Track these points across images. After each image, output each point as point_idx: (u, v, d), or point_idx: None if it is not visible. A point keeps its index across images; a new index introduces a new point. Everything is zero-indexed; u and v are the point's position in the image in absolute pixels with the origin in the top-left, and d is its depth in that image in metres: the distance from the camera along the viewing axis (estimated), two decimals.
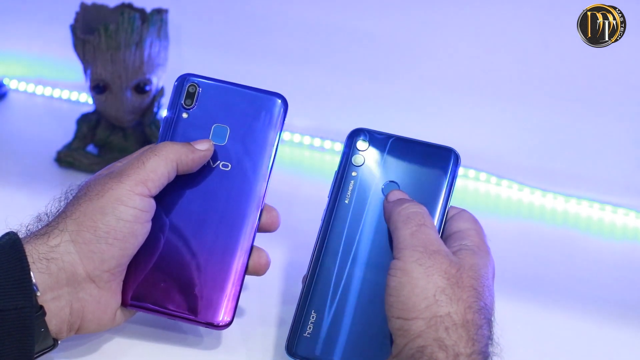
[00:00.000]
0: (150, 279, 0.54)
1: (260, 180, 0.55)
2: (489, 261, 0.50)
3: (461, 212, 0.54)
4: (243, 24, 0.90)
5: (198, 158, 0.54)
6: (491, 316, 0.48)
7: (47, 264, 0.49)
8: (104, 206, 0.50)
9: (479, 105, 0.87)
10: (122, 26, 0.74)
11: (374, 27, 0.87)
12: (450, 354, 0.44)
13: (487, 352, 0.46)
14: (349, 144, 0.56)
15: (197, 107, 0.56)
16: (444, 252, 0.48)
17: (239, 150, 0.55)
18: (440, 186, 0.54)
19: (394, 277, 0.48)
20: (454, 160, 0.55)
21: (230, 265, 0.54)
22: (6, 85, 0.96)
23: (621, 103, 0.82)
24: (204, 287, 0.53)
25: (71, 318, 0.50)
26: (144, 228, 0.52)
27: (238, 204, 0.55)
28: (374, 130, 0.56)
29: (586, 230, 0.81)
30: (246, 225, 0.54)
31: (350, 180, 0.55)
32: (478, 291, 0.47)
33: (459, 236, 0.52)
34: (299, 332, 0.52)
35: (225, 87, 0.57)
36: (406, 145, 0.55)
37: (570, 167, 0.85)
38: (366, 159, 0.55)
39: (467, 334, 0.45)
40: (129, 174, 0.52)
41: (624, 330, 0.65)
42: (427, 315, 0.45)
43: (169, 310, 0.54)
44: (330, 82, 0.90)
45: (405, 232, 0.49)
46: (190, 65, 0.91)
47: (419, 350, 0.45)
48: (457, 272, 0.47)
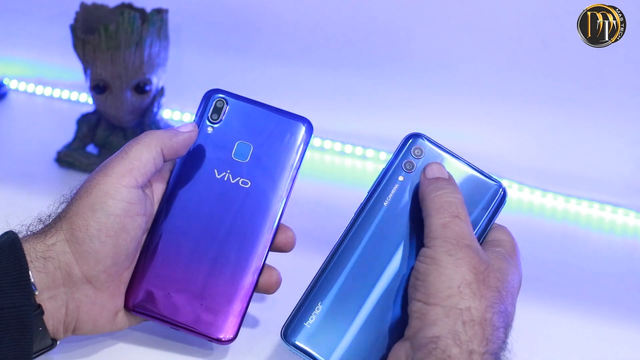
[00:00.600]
0: (158, 286, 0.53)
1: (277, 200, 0.55)
2: (518, 273, 0.50)
3: (501, 226, 0.54)
4: (243, 24, 0.90)
5: (182, 140, 0.54)
6: (510, 323, 0.47)
7: (44, 263, 0.49)
8: (93, 203, 0.50)
9: (479, 105, 0.87)
10: (122, 26, 0.74)
11: (374, 27, 0.87)
12: (464, 349, 0.44)
13: (499, 355, 0.45)
14: (403, 146, 0.54)
15: (222, 123, 0.56)
16: (475, 247, 0.48)
17: (260, 169, 0.55)
18: (481, 216, 0.53)
19: (423, 264, 0.47)
20: (500, 195, 0.53)
21: (240, 281, 0.54)
22: (6, 85, 0.96)
23: (621, 103, 0.82)
24: (211, 301, 0.53)
25: (67, 318, 0.50)
26: (134, 222, 0.52)
27: (253, 222, 0.55)
28: (434, 141, 0.54)
29: (586, 231, 0.81)
30: (259, 243, 0.54)
31: (395, 184, 0.53)
32: (502, 294, 0.47)
33: (494, 244, 0.51)
34: (300, 319, 0.50)
35: (252, 106, 0.57)
36: (459, 166, 0.54)
37: (570, 167, 0.85)
38: (417, 167, 0.54)
39: (482, 332, 0.45)
40: (113, 166, 0.52)
41: (624, 330, 0.65)
42: (448, 304, 0.45)
43: (173, 320, 0.53)
44: (331, 82, 0.90)
45: (437, 222, 0.49)
46: (191, 65, 0.92)
47: (433, 341, 0.44)
48: (486, 270, 0.47)
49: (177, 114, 0.92)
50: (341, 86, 0.90)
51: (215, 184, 0.55)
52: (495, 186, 0.54)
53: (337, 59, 0.89)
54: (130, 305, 0.53)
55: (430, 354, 0.44)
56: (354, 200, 0.56)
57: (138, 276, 0.54)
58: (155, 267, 0.54)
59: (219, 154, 0.56)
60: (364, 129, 0.90)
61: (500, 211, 0.54)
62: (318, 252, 0.56)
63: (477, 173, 0.54)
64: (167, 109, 0.90)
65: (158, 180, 0.56)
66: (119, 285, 0.53)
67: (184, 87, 0.90)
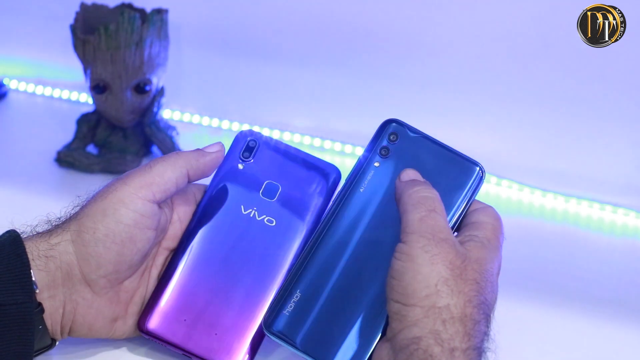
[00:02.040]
0: (174, 312, 0.53)
1: (299, 240, 0.56)
2: (497, 256, 0.50)
3: (485, 207, 0.53)
4: (243, 23, 0.90)
5: (209, 161, 0.55)
6: (490, 312, 0.48)
7: (45, 262, 0.49)
8: (106, 208, 0.50)
9: (479, 105, 0.87)
10: (122, 26, 0.74)
11: (374, 27, 0.87)
12: (445, 348, 0.44)
13: (482, 348, 0.46)
14: (379, 133, 0.55)
15: (253, 162, 0.58)
16: (451, 241, 0.48)
17: (287, 210, 0.56)
18: (459, 196, 0.53)
19: (399, 261, 0.47)
20: (477, 175, 0.53)
21: (258, 317, 0.54)
22: (6, 85, 0.96)
23: (621, 103, 0.82)
24: (227, 332, 0.53)
25: (63, 319, 0.50)
26: (144, 234, 0.51)
27: (275, 259, 0.55)
28: (409, 125, 0.55)
29: (586, 231, 0.81)
30: (278, 281, 0.55)
31: (371, 171, 0.54)
32: (480, 285, 0.47)
33: (473, 227, 0.51)
34: (279, 308, 0.51)
35: (283, 149, 0.58)
36: (435, 148, 0.54)
37: (570, 167, 0.85)
38: (392, 152, 0.54)
39: (464, 328, 0.45)
40: (134, 176, 0.52)
41: (624, 331, 0.65)
42: (426, 304, 0.45)
43: (185, 348, 0.53)
44: (330, 82, 0.90)
45: (413, 217, 0.49)
46: (191, 65, 0.92)
47: (414, 342, 0.45)
48: (462, 263, 0.47)
49: (177, 114, 0.92)
50: (341, 86, 0.90)
51: (240, 219, 0.56)
52: (472, 166, 0.54)
53: (337, 59, 0.89)
54: (144, 329, 0.53)
55: (412, 355, 0.44)
56: None
57: (155, 300, 0.54)
58: (173, 294, 0.54)
59: (247, 191, 0.57)
60: (364, 129, 0.90)
61: (478, 191, 0.53)
62: None
63: (454, 153, 0.54)
64: (167, 109, 0.90)
65: (182, 204, 0.56)
66: (119, 293, 0.53)
67: (184, 87, 0.90)
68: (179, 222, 0.56)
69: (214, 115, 0.91)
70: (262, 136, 0.59)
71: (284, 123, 0.90)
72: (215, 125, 0.91)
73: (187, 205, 0.57)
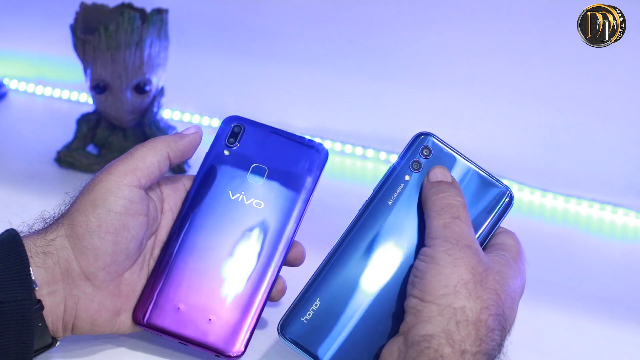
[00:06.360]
0: (167, 301, 0.54)
1: (290, 221, 0.56)
2: (520, 278, 0.50)
3: (509, 231, 0.53)
4: (243, 24, 0.90)
5: (188, 142, 0.56)
6: (507, 325, 0.47)
7: (44, 258, 0.49)
8: (95, 199, 0.51)
9: (479, 105, 0.87)
10: (122, 26, 0.74)
11: (374, 27, 0.87)
12: (456, 349, 0.44)
13: (492, 355, 0.45)
14: (411, 145, 0.54)
15: (239, 147, 0.58)
16: (475, 248, 0.48)
17: (274, 191, 0.57)
18: (486, 218, 0.53)
19: (422, 262, 0.48)
20: (506, 200, 0.53)
21: (253, 299, 0.54)
22: (6, 85, 0.96)
23: (621, 103, 0.82)
24: (223, 316, 0.54)
25: (65, 315, 0.50)
26: (135, 221, 0.52)
27: (266, 241, 0.56)
28: (443, 141, 0.54)
29: (586, 231, 0.81)
30: (272, 262, 0.55)
31: (401, 184, 0.53)
32: (500, 297, 0.47)
33: (500, 247, 0.51)
34: (297, 314, 0.50)
35: (268, 131, 0.59)
36: (468, 168, 0.53)
37: (570, 167, 0.85)
38: (424, 167, 0.53)
39: (476, 332, 0.45)
40: (117, 165, 0.53)
41: (624, 331, 0.65)
42: (443, 302, 0.45)
43: (181, 335, 0.53)
44: (331, 82, 0.90)
45: (437, 222, 0.49)
46: (191, 65, 0.92)
47: (426, 340, 0.45)
48: (484, 271, 0.47)
49: (177, 114, 0.92)
50: (341, 86, 0.90)
51: (229, 204, 0.57)
52: (502, 190, 0.53)
53: (337, 59, 0.90)
54: (139, 320, 0.53)
55: (422, 353, 0.44)
56: (353, 199, 0.56)
57: (148, 291, 0.54)
58: (167, 283, 0.54)
59: (235, 176, 0.57)
60: (364, 129, 0.90)
61: (505, 215, 0.53)
62: (315, 250, 0.56)
63: (484, 175, 0.54)
64: (167, 109, 0.90)
65: (172, 194, 0.57)
66: (119, 286, 0.53)
67: (184, 87, 0.90)
68: (170, 212, 0.57)
69: (214, 115, 0.91)
70: (248, 120, 0.59)
71: (284, 123, 0.89)
72: (215, 125, 0.91)
73: (177, 195, 0.57)
